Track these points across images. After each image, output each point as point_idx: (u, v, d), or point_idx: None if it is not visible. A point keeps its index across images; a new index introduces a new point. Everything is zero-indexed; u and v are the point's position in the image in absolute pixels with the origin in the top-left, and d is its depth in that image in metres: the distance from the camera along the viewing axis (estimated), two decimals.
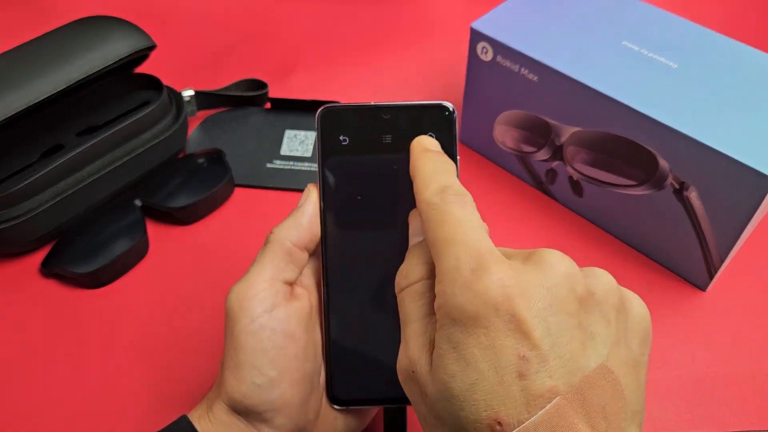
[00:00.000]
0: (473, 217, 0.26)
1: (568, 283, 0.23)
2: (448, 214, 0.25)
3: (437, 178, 0.27)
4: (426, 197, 0.26)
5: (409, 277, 0.27)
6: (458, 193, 0.26)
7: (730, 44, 0.45)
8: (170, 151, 0.51)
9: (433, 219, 0.26)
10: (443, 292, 0.24)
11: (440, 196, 0.26)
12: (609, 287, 0.25)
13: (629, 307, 0.25)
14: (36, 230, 0.46)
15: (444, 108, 0.32)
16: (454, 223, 0.25)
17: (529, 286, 0.23)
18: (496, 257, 0.24)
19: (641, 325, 0.25)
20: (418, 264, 0.27)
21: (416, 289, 0.26)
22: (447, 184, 0.27)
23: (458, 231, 0.25)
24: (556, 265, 0.24)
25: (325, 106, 0.31)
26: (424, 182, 0.27)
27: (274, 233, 0.31)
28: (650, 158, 0.42)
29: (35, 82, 0.44)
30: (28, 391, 0.40)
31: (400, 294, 0.27)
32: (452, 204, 0.26)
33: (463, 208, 0.26)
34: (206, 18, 0.69)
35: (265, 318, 0.29)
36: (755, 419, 0.39)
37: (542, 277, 0.23)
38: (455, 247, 0.24)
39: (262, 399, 0.29)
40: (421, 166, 0.28)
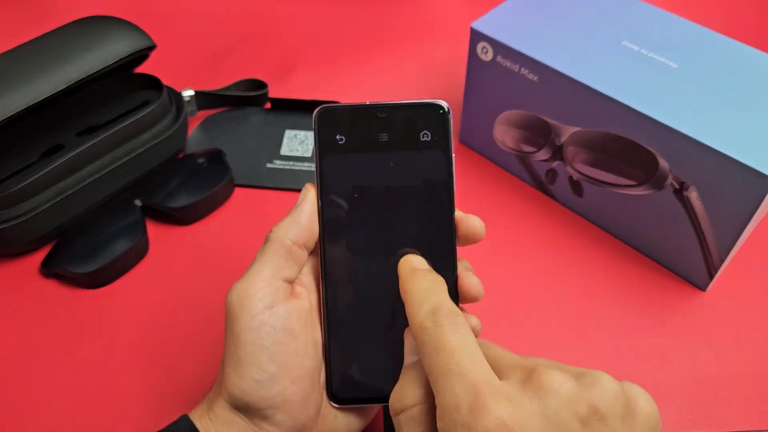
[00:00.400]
0: (467, 340, 0.25)
1: (569, 407, 0.23)
2: (442, 341, 0.25)
3: (428, 299, 0.27)
4: (419, 321, 0.26)
5: (404, 401, 0.27)
6: (450, 314, 0.26)
7: (730, 44, 0.45)
8: (170, 151, 0.51)
9: (428, 345, 0.26)
10: (446, 430, 0.24)
11: (433, 319, 0.26)
12: (612, 397, 0.24)
13: (635, 408, 0.25)
14: (36, 230, 0.46)
15: (438, 106, 0.32)
16: (449, 351, 0.25)
17: (529, 418, 0.23)
18: (492, 390, 0.23)
19: (649, 422, 0.25)
20: (413, 387, 0.27)
21: (412, 415, 0.26)
22: (438, 304, 0.27)
23: (453, 361, 0.24)
24: (556, 390, 0.24)
25: (322, 106, 0.32)
26: (417, 303, 0.27)
27: (274, 232, 0.31)
28: (650, 158, 0.42)
29: (35, 82, 0.44)
30: (28, 391, 0.40)
31: (397, 418, 0.27)
32: (445, 329, 0.26)
33: (456, 332, 0.26)
34: (206, 18, 0.69)
35: (265, 315, 0.30)
36: (756, 419, 0.39)
37: (542, 405, 0.23)
38: (451, 379, 0.24)
39: (262, 395, 0.29)
40: (411, 287, 0.28)
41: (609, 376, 0.25)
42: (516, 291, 0.45)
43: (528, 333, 0.43)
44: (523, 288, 0.46)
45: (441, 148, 0.32)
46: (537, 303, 0.45)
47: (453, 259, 0.32)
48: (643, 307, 0.44)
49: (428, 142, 0.32)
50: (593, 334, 0.43)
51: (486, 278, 0.45)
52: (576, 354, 0.42)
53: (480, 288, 0.32)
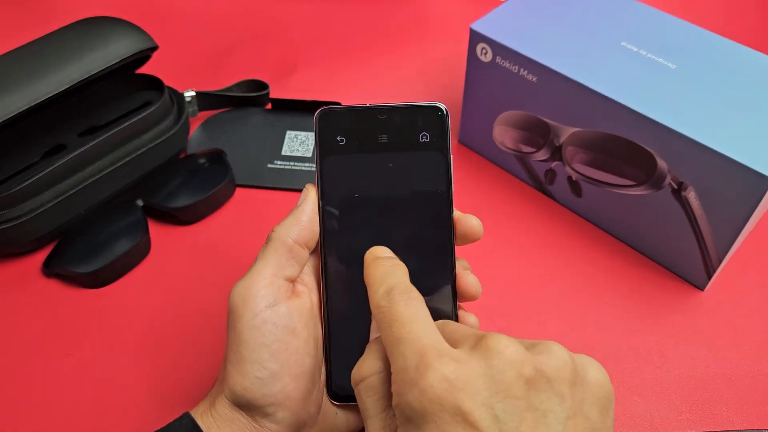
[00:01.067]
0: (418, 312, 0.26)
1: (514, 368, 0.24)
2: (394, 314, 0.26)
3: (385, 281, 0.28)
4: (376, 301, 0.28)
5: (362, 371, 0.27)
6: (404, 291, 0.27)
7: (728, 45, 0.45)
8: (171, 151, 0.51)
9: (383, 321, 0.27)
10: (396, 392, 0.25)
11: (387, 298, 0.27)
12: (560, 363, 0.25)
13: (585, 376, 0.26)
14: (37, 230, 0.46)
15: (437, 108, 0.33)
16: (400, 322, 0.26)
17: (473, 377, 0.24)
18: (438, 351, 0.24)
19: (600, 392, 0.25)
20: (372, 359, 0.27)
21: (370, 383, 0.27)
22: (393, 284, 0.28)
23: (404, 330, 0.26)
24: (501, 351, 0.24)
25: (323, 108, 0.33)
26: (374, 287, 0.28)
27: (275, 231, 0.32)
28: (649, 158, 0.42)
29: (37, 83, 0.44)
30: (29, 391, 0.41)
31: (356, 388, 0.28)
32: (398, 304, 0.27)
33: (408, 306, 0.27)
34: (208, 19, 0.69)
35: (267, 313, 0.30)
36: (754, 418, 0.39)
37: (487, 365, 0.24)
38: (401, 345, 0.25)
39: (263, 392, 0.30)
40: (371, 272, 0.29)
41: (560, 346, 0.26)
42: (515, 291, 0.46)
43: (527, 332, 0.43)
44: (522, 288, 0.46)
45: (439, 150, 0.32)
46: (536, 302, 0.45)
47: (451, 258, 0.33)
48: (642, 306, 0.45)
49: (427, 143, 0.32)
50: (592, 334, 0.43)
51: (485, 278, 0.46)
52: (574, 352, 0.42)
53: (478, 286, 0.33)
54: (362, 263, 0.32)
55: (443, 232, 0.33)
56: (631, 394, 0.40)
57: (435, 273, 0.32)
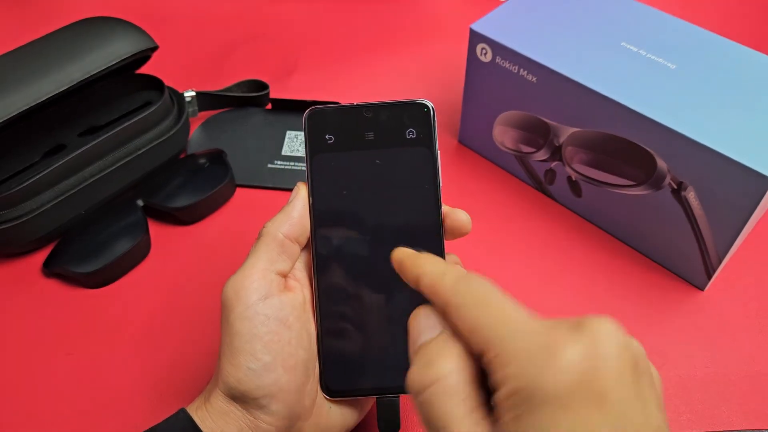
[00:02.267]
0: (505, 296, 0.24)
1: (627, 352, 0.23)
2: (486, 295, 0.24)
3: (448, 270, 0.26)
4: (450, 283, 0.25)
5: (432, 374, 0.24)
6: (478, 277, 0.25)
7: (728, 45, 0.45)
8: (172, 151, 0.51)
9: (470, 303, 0.24)
10: (519, 374, 0.22)
11: (466, 280, 0.25)
12: (643, 352, 0.24)
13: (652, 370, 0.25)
14: (38, 230, 0.46)
15: (423, 105, 0.33)
16: (496, 302, 0.24)
17: (601, 358, 0.22)
18: (561, 332, 0.23)
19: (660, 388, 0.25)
20: (442, 357, 0.24)
21: (448, 384, 0.24)
22: (461, 271, 0.26)
23: (507, 311, 0.24)
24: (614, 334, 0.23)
25: (312, 107, 0.33)
26: (439, 272, 0.26)
27: (267, 227, 0.32)
28: (649, 158, 0.42)
29: (37, 83, 0.44)
30: (29, 391, 0.41)
31: (426, 393, 0.24)
32: (483, 285, 0.25)
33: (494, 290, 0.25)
34: (208, 19, 0.69)
35: (259, 305, 0.31)
36: (754, 418, 0.39)
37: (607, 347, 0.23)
38: (514, 324, 0.23)
39: (257, 384, 0.30)
40: (424, 264, 0.27)
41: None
42: (515, 290, 0.45)
43: None
44: (522, 287, 0.46)
45: (426, 145, 0.33)
46: (535, 302, 0.45)
47: (441, 253, 0.33)
48: (642, 306, 0.45)
49: (414, 139, 0.33)
50: None
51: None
52: None
53: None
54: (353, 258, 0.33)
55: (432, 227, 0.33)
56: None
57: None
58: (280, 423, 0.31)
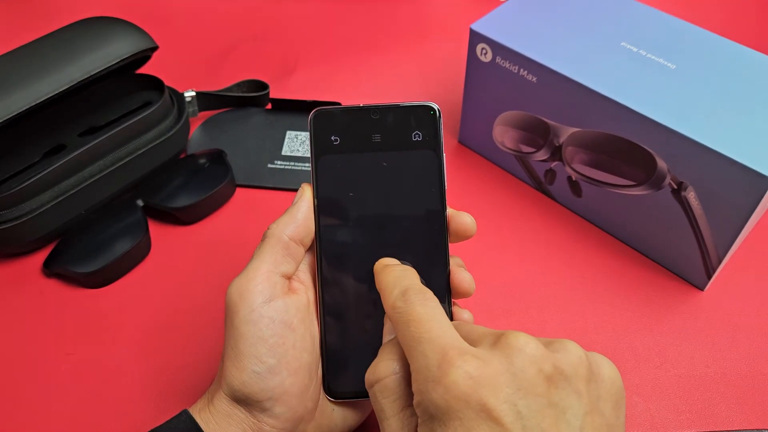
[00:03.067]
0: (435, 312, 0.27)
1: (535, 365, 0.24)
2: (411, 314, 0.27)
3: (398, 284, 0.29)
4: (391, 303, 0.28)
5: (377, 373, 0.28)
6: (419, 292, 0.28)
7: (728, 45, 0.46)
8: (172, 151, 0.51)
9: (400, 321, 0.27)
10: (419, 390, 0.25)
11: (403, 299, 0.28)
12: (577, 360, 0.25)
13: (599, 373, 0.26)
14: (38, 230, 0.46)
15: (429, 108, 0.33)
16: (418, 321, 0.26)
17: (496, 374, 0.24)
18: (460, 349, 0.25)
19: (613, 389, 0.26)
20: (387, 360, 0.28)
21: (386, 384, 0.27)
22: (407, 286, 0.28)
23: (423, 329, 0.26)
24: (521, 348, 0.25)
25: (317, 108, 0.33)
26: (388, 290, 0.29)
27: (271, 229, 0.32)
28: (649, 158, 0.42)
29: (37, 83, 0.44)
30: (30, 390, 0.41)
31: (371, 390, 0.28)
32: (414, 304, 0.27)
33: (424, 305, 0.27)
34: (208, 19, 0.69)
35: (264, 308, 0.30)
36: (754, 418, 0.39)
37: (508, 363, 0.24)
38: (422, 344, 0.25)
39: (261, 387, 0.30)
40: (383, 278, 0.30)
41: (575, 344, 0.26)
42: (515, 290, 0.46)
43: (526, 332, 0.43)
44: (522, 287, 0.46)
45: (432, 148, 0.33)
46: (535, 302, 0.45)
47: (445, 255, 0.33)
48: (642, 306, 0.45)
49: (420, 142, 0.33)
50: (591, 333, 0.43)
51: (485, 278, 0.46)
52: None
53: (471, 283, 0.33)
54: (357, 261, 0.33)
55: (437, 230, 0.33)
56: (631, 394, 0.40)
57: (429, 270, 0.33)
58: (283, 425, 0.31)
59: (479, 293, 0.44)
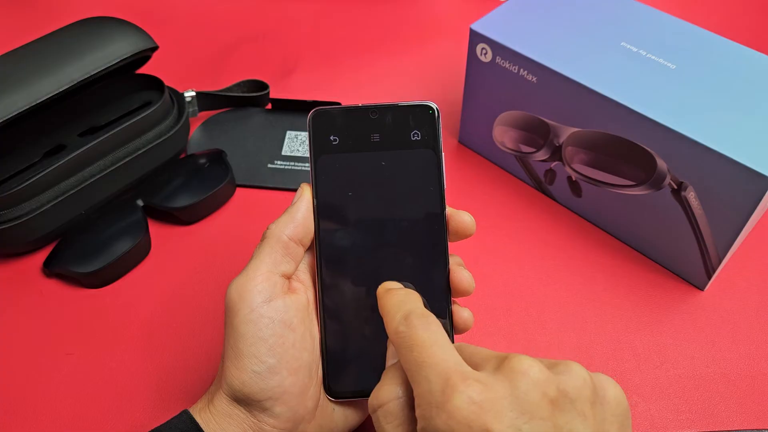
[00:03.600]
0: (438, 336, 0.27)
1: (538, 389, 0.24)
2: (414, 339, 0.27)
3: (401, 308, 0.28)
4: (394, 327, 0.28)
5: (380, 397, 0.27)
6: (421, 316, 0.27)
7: (727, 45, 0.46)
8: (172, 151, 0.51)
9: (402, 346, 0.27)
10: (422, 416, 0.25)
11: (405, 323, 0.27)
12: (581, 382, 0.25)
13: (603, 394, 0.26)
14: (38, 230, 0.46)
15: (428, 107, 0.33)
16: (421, 346, 0.26)
17: (499, 398, 0.24)
18: (463, 374, 0.25)
19: (618, 409, 0.26)
20: (390, 385, 0.28)
21: (389, 409, 0.27)
22: (410, 310, 0.28)
23: (425, 354, 0.26)
24: (525, 372, 0.24)
25: (316, 108, 0.33)
26: (391, 314, 0.29)
27: (271, 229, 0.32)
28: (648, 158, 0.42)
29: (37, 83, 0.44)
30: (30, 390, 0.41)
31: (375, 414, 0.28)
32: (417, 328, 0.27)
33: (427, 330, 0.27)
34: (208, 19, 0.69)
35: (263, 308, 0.31)
36: (753, 418, 0.39)
37: (512, 387, 0.24)
38: (425, 369, 0.25)
39: (261, 386, 0.30)
40: (386, 302, 0.30)
41: (579, 365, 0.26)
42: (515, 290, 0.46)
43: (526, 332, 0.43)
44: (522, 287, 0.46)
45: (431, 147, 0.33)
46: (535, 302, 0.45)
47: (445, 254, 0.33)
48: (642, 306, 0.45)
49: (418, 141, 0.33)
50: (591, 333, 0.43)
51: (485, 278, 0.46)
52: (574, 353, 0.42)
53: (471, 282, 0.33)
54: (357, 260, 0.33)
55: (436, 229, 0.33)
56: (631, 394, 0.40)
57: (429, 269, 0.33)
58: (283, 425, 0.31)
59: (479, 293, 0.44)
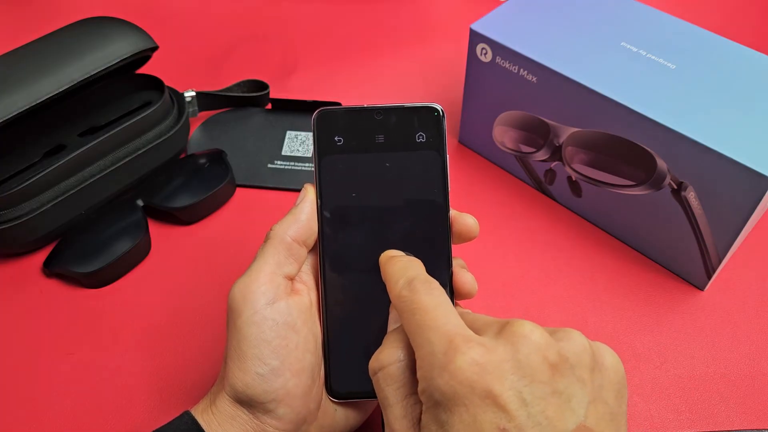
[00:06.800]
0: (441, 300, 0.27)
1: (539, 353, 0.24)
2: (417, 303, 0.27)
3: (404, 274, 0.29)
4: (396, 292, 0.28)
5: (382, 360, 0.28)
6: (425, 282, 0.28)
7: (727, 45, 0.46)
8: (172, 151, 0.51)
9: (405, 309, 0.27)
10: (424, 377, 0.25)
11: (408, 288, 0.28)
12: (581, 348, 0.26)
13: (602, 362, 0.26)
14: (38, 230, 0.46)
15: (433, 109, 0.33)
16: (423, 310, 0.26)
17: (501, 361, 0.24)
18: (466, 336, 0.25)
19: (615, 377, 0.26)
20: (391, 348, 0.28)
21: (389, 372, 0.27)
22: (413, 276, 0.28)
23: (428, 317, 0.26)
24: (527, 336, 0.25)
25: (321, 108, 0.33)
26: (394, 279, 0.29)
27: (274, 230, 0.32)
28: (648, 158, 0.42)
29: (37, 83, 0.44)
30: (30, 390, 0.41)
31: (375, 377, 0.28)
32: (420, 293, 0.27)
33: (429, 294, 0.27)
34: (208, 19, 0.69)
35: (267, 310, 0.30)
36: (754, 418, 0.39)
37: (513, 350, 0.24)
38: (427, 332, 0.26)
39: (264, 388, 0.30)
40: (389, 269, 0.30)
41: (579, 333, 0.26)
42: (515, 290, 0.46)
43: None
44: (522, 287, 0.46)
45: (436, 149, 0.33)
46: (535, 302, 0.45)
47: (448, 256, 0.33)
48: (642, 306, 0.45)
49: (423, 143, 0.33)
50: (592, 333, 0.43)
51: (485, 278, 0.46)
52: None
53: (474, 284, 0.33)
54: (360, 262, 0.33)
55: (440, 231, 0.33)
56: (631, 394, 0.40)
57: (432, 271, 0.33)
58: (286, 427, 0.31)
59: (479, 293, 0.44)
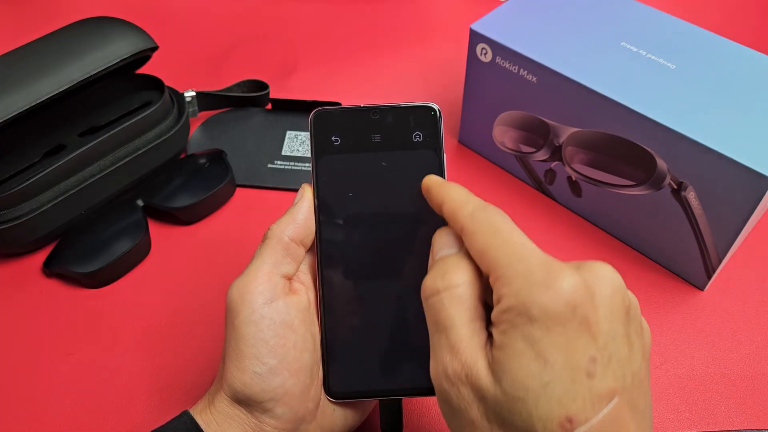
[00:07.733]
0: (516, 229, 0.27)
1: (620, 295, 0.25)
2: (498, 225, 0.27)
3: (472, 198, 0.28)
4: (469, 211, 0.28)
5: (449, 280, 0.27)
6: (498, 210, 0.28)
7: (727, 45, 0.46)
8: (172, 151, 0.51)
9: (480, 230, 0.27)
10: (517, 293, 0.24)
11: (483, 210, 0.27)
12: (637, 304, 0.27)
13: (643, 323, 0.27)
14: (38, 230, 0.46)
15: (430, 108, 0.33)
16: (506, 231, 0.26)
17: (595, 293, 0.24)
18: (561, 265, 0.25)
19: (649, 341, 0.27)
20: (458, 270, 0.27)
21: (458, 293, 0.27)
22: (483, 202, 0.28)
23: (514, 238, 0.26)
24: (610, 278, 0.25)
25: (317, 108, 0.33)
26: (461, 201, 0.28)
27: (272, 229, 0.32)
28: (648, 158, 0.42)
29: (37, 83, 0.44)
30: (30, 390, 0.41)
31: (437, 297, 0.27)
32: (498, 215, 0.27)
33: (505, 218, 0.27)
34: (208, 19, 0.69)
35: (265, 309, 0.31)
36: (754, 418, 0.39)
37: (603, 286, 0.25)
38: (520, 250, 0.25)
39: (262, 387, 0.30)
40: (449, 191, 0.29)
41: None
42: None
43: None
44: None
45: (433, 148, 0.33)
46: None
47: None
48: (642, 306, 0.45)
49: (420, 142, 0.33)
50: None
51: None
52: None
53: None
54: (358, 261, 0.33)
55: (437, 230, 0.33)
56: None
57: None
58: (284, 426, 0.31)
59: None
